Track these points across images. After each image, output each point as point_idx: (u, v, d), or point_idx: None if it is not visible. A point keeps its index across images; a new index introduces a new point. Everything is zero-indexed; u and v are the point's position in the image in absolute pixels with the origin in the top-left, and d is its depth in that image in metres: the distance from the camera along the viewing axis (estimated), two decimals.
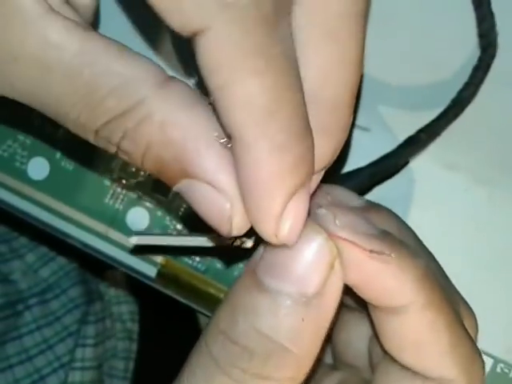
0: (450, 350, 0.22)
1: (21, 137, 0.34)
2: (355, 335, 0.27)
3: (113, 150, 0.21)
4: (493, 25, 0.32)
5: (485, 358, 0.33)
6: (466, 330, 0.23)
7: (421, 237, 0.33)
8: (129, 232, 0.34)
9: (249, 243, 0.24)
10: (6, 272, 0.61)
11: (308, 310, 0.20)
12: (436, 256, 0.33)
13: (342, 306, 0.26)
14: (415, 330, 0.22)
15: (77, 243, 0.34)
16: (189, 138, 0.20)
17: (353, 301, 0.26)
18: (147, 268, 0.34)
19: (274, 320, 0.20)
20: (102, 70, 0.20)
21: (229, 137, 0.20)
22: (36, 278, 0.62)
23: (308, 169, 0.20)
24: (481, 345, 0.32)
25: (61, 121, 0.21)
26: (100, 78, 0.20)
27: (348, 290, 0.22)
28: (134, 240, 0.25)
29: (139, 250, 0.34)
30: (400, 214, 0.33)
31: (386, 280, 0.21)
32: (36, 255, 0.63)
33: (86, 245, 0.34)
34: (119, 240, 0.34)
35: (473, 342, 0.23)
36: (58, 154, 0.34)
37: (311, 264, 0.21)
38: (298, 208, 0.20)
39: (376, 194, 0.33)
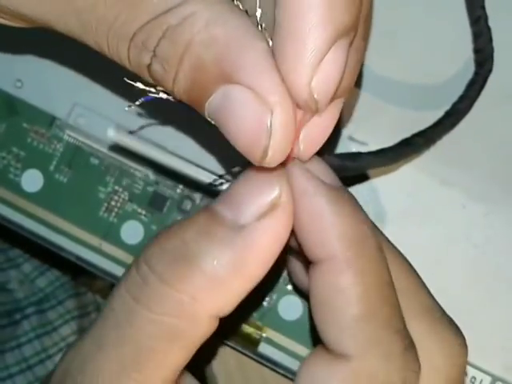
0: (354, 325, 0.20)
1: (15, 149, 0.34)
2: None
3: (146, 59, 0.20)
4: (489, 40, 0.32)
5: (483, 375, 0.32)
6: (396, 323, 0.21)
7: (418, 252, 0.33)
8: (123, 246, 0.33)
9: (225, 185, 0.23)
10: (3, 281, 0.61)
11: (233, 237, 0.20)
12: (433, 272, 0.33)
13: None
14: (328, 290, 0.21)
15: (70, 256, 0.34)
16: (233, 37, 0.19)
17: None
18: None
19: (198, 233, 0.20)
20: None
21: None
22: (33, 287, 0.62)
23: (356, 13, 0.19)
24: (479, 363, 0.32)
25: (91, 29, 0.20)
26: None
27: None
28: (111, 133, 0.23)
29: (119, 150, 0.32)
30: (397, 230, 0.33)
31: (320, 224, 0.21)
32: (32, 265, 0.63)
33: (79, 258, 0.34)
34: (113, 253, 0.34)
35: (401, 336, 0.21)
36: (52, 167, 0.34)
37: (252, 193, 0.20)
38: (337, 58, 0.19)
39: (372, 210, 0.33)
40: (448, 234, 0.33)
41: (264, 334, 0.33)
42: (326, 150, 0.23)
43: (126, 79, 0.22)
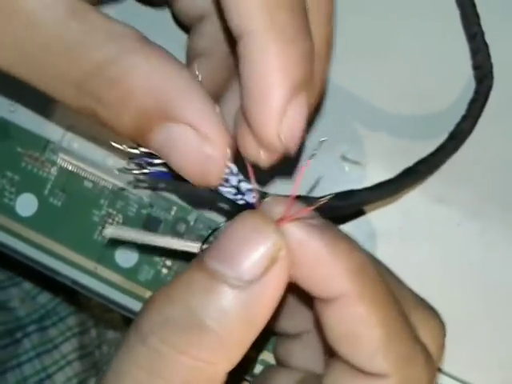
0: (383, 346, 0.22)
1: (9, 173, 0.34)
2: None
3: (93, 104, 0.22)
4: (487, 56, 0.32)
5: None
6: (410, 331, 0.23)
7: (414, 269, 0.33)
8: (118, 269, 0.33)
9: None
10: (4, 299, 0.61)
11: (240, 295, 0.20)
12: (429, 290, 0.32)
13: None
14: (348, 322, 0.22)
15: (66, 280, 0.34)
16: (172, 82, 0.21)
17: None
18: (136, 305, 0.33)
19: (204, 297, 0.20)
20: (90, 27, 0.21)
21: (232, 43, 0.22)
22: (34, 304, 0.62)
23: (310, 68, 0.22)
24: (476, 380, 0.32)
25: (41, 75, 0.22)
26: (88, 34, 0.21)
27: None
28: (108, 232, 0.24)
29: (114, 243, 0.33)
30: (393, 247, 0.33)
31: (322, 268, 0.21)
32: (31, 284, 0.63)
33: (74, 282, 0.34)
34: (108, 277, 0.33)
35: (417, 343, 0.23)
36: (46, 191, 0.34)
37: (252, 251, 0.20)
38: (298, 109, 0.22)
39: (369, 227, 0.33)
40: (444, 252, 0.33)
41: (260, 357, 0.33)
42: None
43: (112, 143, 0.24)
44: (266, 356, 0.33)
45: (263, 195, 0.24)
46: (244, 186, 0.23)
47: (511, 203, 0.33)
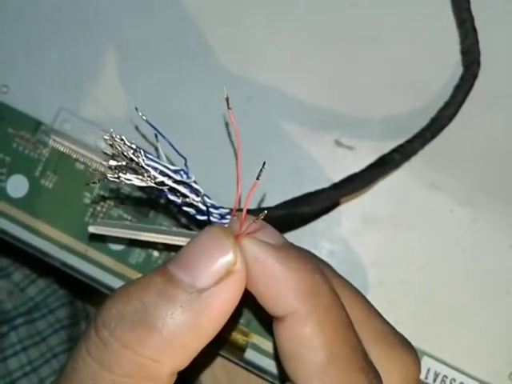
0: (321, 370, 0.22)
1: (0, 154, 0.34)
2: None
3: None
4: (475, 42, 0.32)
5: (472, 382, 0.32)
6: (357, 359, 0.23)
7: (405, 255, 0.33)
8: (108, 251, 0.33)
9: None
10: None
11: (191, 301, 0.21)
12: (421, 277, 0.33)
13: None
14: (293, 341, 0.22)
15: (56, 262, 0.34)
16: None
17: None
18: None
19: (158, 298, 0.21)
20: None
21: None
22: (23, 296, 0.61)
23: None
24: (468, 368, 0.32)
25: None
26: None
27: None
28: (92, 229, 0.24)
29: (97, 238, 0.33)
30: (385, 234, 0.33)
31: (274, 285, 0.22)
32: (23, 273, 0.62)
33: (64, 264, 0.33)
34: (99, 259, 0.33)
35: (363, 373, 0.23)
36: (38, 172, 0.34)
37: (208, 261, 0.21)
38: None
39: (361, 214, 0.33)
40: (436, 238, 0.33)
41: (250, 340, 0.32)
42: None
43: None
44: (257, 340, 0.33)
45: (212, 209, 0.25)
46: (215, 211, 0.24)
47: (504, 190, 0.33)
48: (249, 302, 0.23)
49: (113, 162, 0.22)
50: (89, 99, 0.34)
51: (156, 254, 0.33)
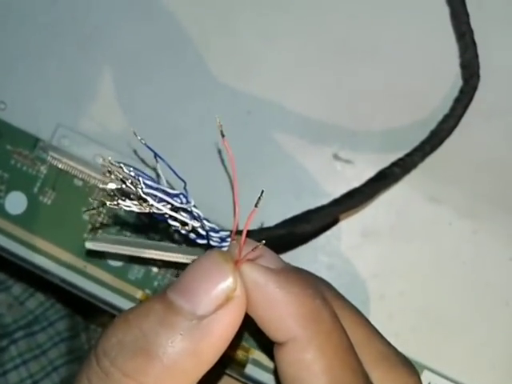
0: None
1: None
2: None
3: None
4: (475, 55, 0.32)
5: None
6: (364, 382, 0.23)
7: (406, 269, 0.33)
8: (107, 268, 0.33)
9: None
10: None
11: (191, 328, 0.21)
12: (421, 289, 0.32)
13: None
14: (294, 366, 0.22)
15: (54, 279, 0.33)
16: None
17: None
18: (126, 304, 0.33)
19: (158, 326, 0.21)
20: None
21: None
22: (22, 310, 0.61)
23: None
24: (468, 380, 0.32)
25: None
26: None
27: None
28: (90, 245, 0.24)
29: (94, 254, 0.33)
30: (385, 247, 0.33)
31: (275, 310, 0.22)
32: (22, 287, 0.62)
33: (63, 280, 0.33)
34: (98, 275, 0.33)
35: None
36: (36, 189, 0.34)
37: (208, 287, 0.21)
38: None
39: (360, 227, 0.33)
40: (435, 251, 0.33)
41: (251, 356, 0.32)
42: None
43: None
44: (258, 356, 0.32)
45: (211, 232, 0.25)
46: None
47: (503, 202, 0.33)
48: (249, 319, 0.23)
49: (112, 186, 0.22)
50: (87, 115, 0.34)
51: (155, 269, 0.33)
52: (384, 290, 0.33)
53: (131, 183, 0.21)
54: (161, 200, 0.22)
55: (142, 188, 0.22)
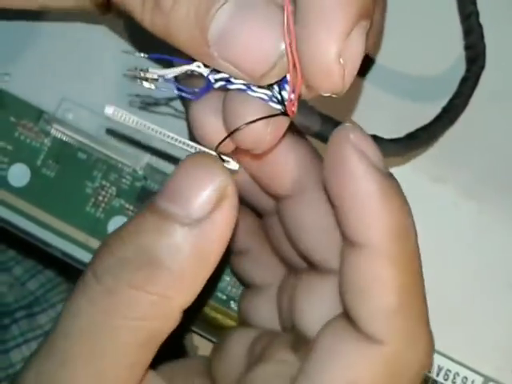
0: (389, 316, 0.21)
1: (1, 143, 0.34)
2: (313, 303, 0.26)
3: None
4: (481, 36, 0.31)
5: (475, 376, 0.32)
6: (423, 312, 0.22)
7: None
8: None
9: (232, 163, 0.23)
10: None
11: (191, 232, 0.20)
12: (424, 270, 0.32)
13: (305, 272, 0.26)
14: (367, 276, 0.21)
15: (56, 252, 0.33)
16: None
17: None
18: None
19: (156, 236, 0.20)
20: None
21: None
22: (23, 290, 0.61)
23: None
24: (471, 363, 0.32)
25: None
26: None
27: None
28: (110, 110, 0.23)
29: (114, 134, 0.32)
30: None
31: (368, 213, 0.21)
32: (24, 268, 0.62)
33: (65, 254, 0.33)
34: None
35: (424, 326, 0.22)
36: (39, 161, 0.33)
37: (200, 189, 0.20)
38: (361, 36, 0.20)
39: None
40: (440, 231, 0.33)
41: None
42: None
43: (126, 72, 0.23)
44: None
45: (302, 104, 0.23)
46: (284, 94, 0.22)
47: (508, 183, 0.32)
48: None
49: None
50: (91, 89, 0.34)
51: None
52: None
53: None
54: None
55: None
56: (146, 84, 0.22)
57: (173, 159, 0.33)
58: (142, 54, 0.23)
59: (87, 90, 0.34)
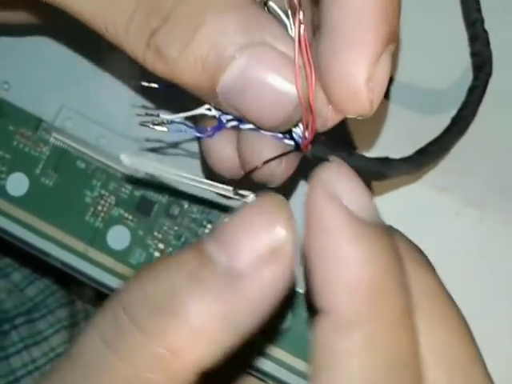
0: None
1: (0, 151, 0.33)
2: None
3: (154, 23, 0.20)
4: (487, 43, 0.31)
5: None
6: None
7: None
8: (109, 251, 0.33)
9: (250, 197, 0.20)
10: None
11: (226, 287, 0.17)
12: None
13: None
14: (325, 350, 0.17)
15: (55, 262, 0.33)
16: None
17: None
18: None
19: (188, 280, 0.18)
20: None
21: None
22: (22, 297, 0.61)
23: (399, 19, 0.20)
24: None
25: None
26: None
27: None
28: (125, 159, 0.21)
29: (132, 180, 0.32)
30: None
31: (334, 267, 0.17)
32: (22, 274, 0.62)
33: (64, 264, 0.33)
34: (99, 259, 0.33)
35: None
36: (38, 170, 0.33)
37: (251, 237, 0.17)
38: (388, 60, 0.20)
39: None
40: (442, 240, 0.32)
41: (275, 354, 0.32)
42: None
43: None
44: (280, 354, 0.32)
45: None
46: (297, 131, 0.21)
47: (509, 191, 0.32)
48: None
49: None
50: (90, 97, 0.34)
51: (157, 254, 0.33)
52: None
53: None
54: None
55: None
56: (158, 128, 0.22)
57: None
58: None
59: (86, 99, 0.34)
